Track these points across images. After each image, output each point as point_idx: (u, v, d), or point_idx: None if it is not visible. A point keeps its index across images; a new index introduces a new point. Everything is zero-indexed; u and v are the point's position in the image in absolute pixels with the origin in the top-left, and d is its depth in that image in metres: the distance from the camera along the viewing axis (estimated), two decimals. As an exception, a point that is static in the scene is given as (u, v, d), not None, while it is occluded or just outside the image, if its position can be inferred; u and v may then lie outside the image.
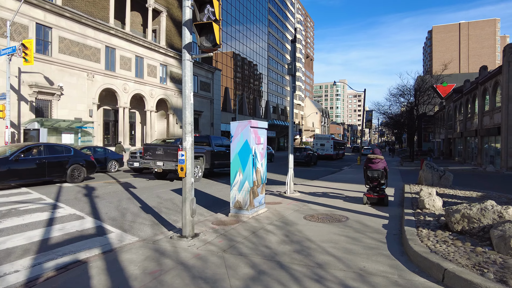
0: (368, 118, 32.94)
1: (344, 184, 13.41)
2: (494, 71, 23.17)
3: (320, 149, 38.30)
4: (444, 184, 11.04)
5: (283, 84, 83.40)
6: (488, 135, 25.05)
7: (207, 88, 39.77)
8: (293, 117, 10.14)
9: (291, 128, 10.11)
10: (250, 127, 6.61)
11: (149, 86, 30.53)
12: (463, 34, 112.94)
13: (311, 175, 18.81)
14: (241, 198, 6.66)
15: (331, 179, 15.79)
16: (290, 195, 9.91)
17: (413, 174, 19.70)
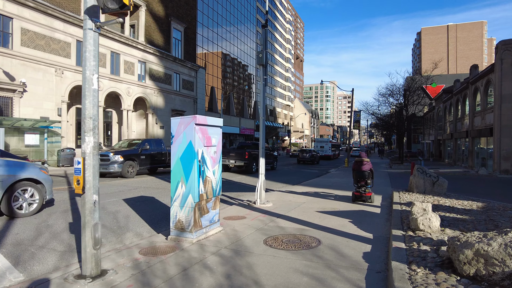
0: (356, 119, 31.76)
1: (326, 190, 12.00)
2: (486, 69, 22.17)
3: (320, 150, 43.38)
4: (438, 192, 9.71)
5: (272, 85, 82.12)
6: (479, 136, 24.04)
7: (190, 87, 38.15)
8: (264, 114, 8.70)
9: (262, 127, 8.65)
10: (194, 125, 5.12)
11: (126, 83, 28.78)
12: (451, 36, 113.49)
13: (294, 178, 17.41)
14: (183, 216, 5.15)
15: (313, 184, 14.38)
16: (260, 206, 8.43)
17: (403, 178, 18.45)
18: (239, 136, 56.19)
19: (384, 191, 11.92)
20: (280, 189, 12.77)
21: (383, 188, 13.16)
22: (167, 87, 34.05)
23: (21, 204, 6.80)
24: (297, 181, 16.63)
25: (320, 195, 10.73)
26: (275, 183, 15.12)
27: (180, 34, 37.06)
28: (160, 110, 33.07)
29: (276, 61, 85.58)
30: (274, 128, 69.67)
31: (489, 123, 22.19)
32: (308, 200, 9.61)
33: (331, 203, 9.05)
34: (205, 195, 5.31)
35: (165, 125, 33.61)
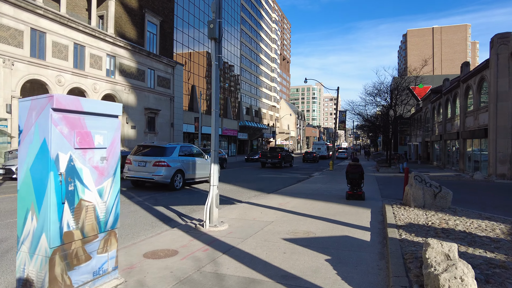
0: (341, 119, 29.92)
1: (304, 202, 9.90)
2: (480, 65, 20.59)
3: (318, 151, 52.45)
4: (441, 206, 7.73)
5: (257, 85, 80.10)
6: (472, 137, 22.46)
7: (166, 84, 35.69)
8: (217, 106, 6.53)
9: (215, 124, 6.48)
10: (52, 111, 2.90)
11: (92, 79, 26.17)
12: (436, 38, 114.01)
13: (272, 184, 15.27)
14: (33, 272, 2.92)
15: (291, 192, 12.28)
16: (210, 230, 6.24)
17: (393, 184, 16.57)
18: (221, 137, 53.86)
19: (373, 203, 9.89)
20: (250, 199, 10.60)
21: (371, 198, 11.14)
22: (140, 83, 31.54)
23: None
24: (275, 187, 14.52)
25: (295, 209, 8.62)
26: (248, 191, 12.97)
27: (156, 28, 34.60)
28: (132, 109, 30.53)
29: (261, 61, 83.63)
30: (258, 129, 67.57)
31: (483, 124, 20.59)
32: (278, 217, 7.48)
33: (306, 223, 6.93)
34: (78, 233, 3.10)
35: (137, 125, 31.09)
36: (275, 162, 26.82)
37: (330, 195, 12.02)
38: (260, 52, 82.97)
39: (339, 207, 9.04)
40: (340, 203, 9.88)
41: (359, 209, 8.81)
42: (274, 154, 27.18)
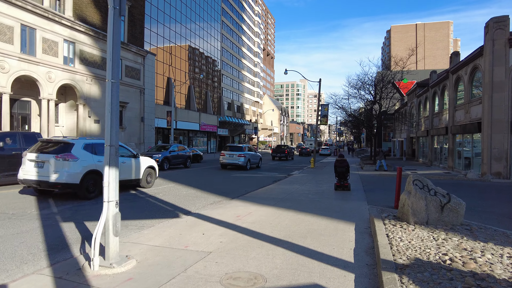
0: (324, 113, 27.88)
1: (272, 212, 7.65)
2: (473, 54, 18.82)
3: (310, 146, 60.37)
4: (451, 221, 5.62)
5: (239, 79, 77.56)
6: (463, 132, 20.76)
7: (136, 75, 32.81)
8: (115, 75, 4.16)
9: (111, 101, 4.11)
10: None
11: (45, 66, 23.17)
12: (420, 35, 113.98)
13: (239, 186, 12.95)
14: None
15: (260, 197, 10.00)
16: (97, 274, 3.86)
17: (380, 184, 14.54)
18: (200, 133, 51.22)
19: (357, 214, 7.72)
20: (202, 210, 8.26)
21: (355, 206, 8.97)
22: (104, 73, 28.53)
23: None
24: (243, 190, 12.23)
25: (254, 226, 6.35)
26: (207, 196, 10.63)
27: (124, 13, 31.61)
28: (95, 101, 27.62)
29: (243, 55, 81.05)
30: (240, 125, 65.09)
31: (475, 117, 18.87)
32: (224, 243, 5.18)
33: (260, 255, 4.67)
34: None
35: (101, 119, 28.19)
36: (282, 156, 36.11)
37: (306, 200, 9.81)
38: (243, 45, 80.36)
39: (313, 221, 6.82)
40: (316, 213, 7.68)
41: (340, 223, 6.62)
42: (281, 150, 36.72)
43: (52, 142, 9.97)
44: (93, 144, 10.14)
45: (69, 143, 9.69)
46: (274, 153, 36.77)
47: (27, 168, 9.33)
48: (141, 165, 11.77)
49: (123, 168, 10.56)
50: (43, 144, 9.86)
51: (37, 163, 9.22)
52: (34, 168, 9.22)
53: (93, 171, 9.56)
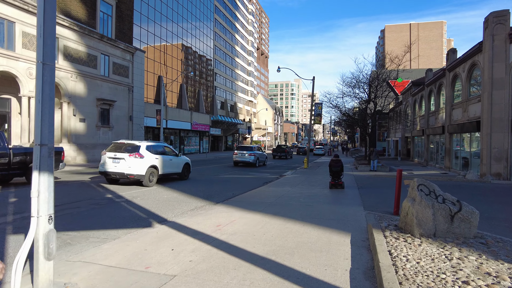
0: (317, 112, 27.10)
1: (258, 220, 6.80)
2: (471, 50, 18.14)
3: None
4: (462, 233, 4.81)
5: (233, 78, 76.61)
6: (460, 132, 20.10)
7: (124, 72, 31.74)
8: (49, 56, 3.29)
9: (41, 89, 3.23)
10: None
11: (25, 62, 22.05)
12: (414, 34, 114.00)
13: (231, 188, 12.06)
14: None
15: (247, 202, 9.14)
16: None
17: (377, 186, 13.75)
18: (192, 132, 50.20)
19: (353, 222, 6.90)
20: (179, 217, 7.36)
21: (350, 212, 8.15)
22: (90, 70, 27.54)
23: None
24: (230, 193, 11.37)
25: (235, 238, 5.50)
26: (190, 201, 9.74)
27: (111, 9, 30.56)
28: (81, 99, 26.55)
29: (237, 53, 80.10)
30: (233, 124, 64.10)
31: (473, 116, 18.21)
32: (194, 262, 4.31)
33: (236, 280, 3.82)
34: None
35: (87, 118, 27.13)
36: (282, 155, 39.52)
37: (297, 204, 8.97)
38: (236, 44, 79.40)
39: (303, 231, 5.97)
40: (307, 221, 6.84)
41: (333, 234, 5.78)
42: (281, 149, 40.31)
43: (124, 144, 12.88)
44: (151, 145, 13.25)
45: (137, 145, 12.66)
46: (274, 152, 40.74)
47: (106, 163, 12.34)
48: (180, 162, 14.92)
49: (172, 163, 14.19)
50: (117, 145, 12.83)
51: (115, 159, 12.22)
52: (112, 163, 12.22)
53: (152, 166, 12.66)
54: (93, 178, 14.75)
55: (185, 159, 15.32)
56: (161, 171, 13.22)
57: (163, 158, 13.48)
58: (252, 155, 24.42)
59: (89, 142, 27.26)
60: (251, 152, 24.56)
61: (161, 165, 13.16)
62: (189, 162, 15.60)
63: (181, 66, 49.90)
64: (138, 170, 11.98)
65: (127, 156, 12.04)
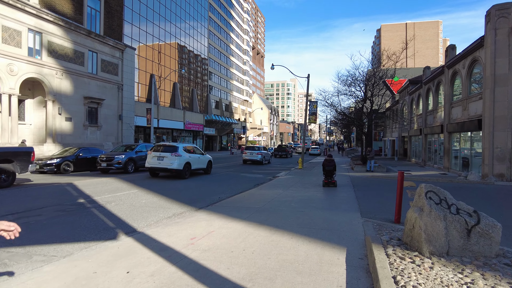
0: (312, 111, 26.27)
1: (240, 231, 5.91)
2: (472, 45, 17.37)
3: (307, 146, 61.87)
4: (482, 251, 3.96)
5: (228, 77, 75.65)
6: (460, 131, 19.34)
7: (113, 70, 30.72)
8: None
9: None
10: None
11: (5, 58, 21.02)
12: (410, 34, 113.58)
13: (218, 190, 11.15)
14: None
15: (233, 207, 8.25)
16: None
17: (374, 189, 12.90)
18: (185, 132, 49.18)
19: (349, 232, 6.02)
20: (153, 226, 6.45)
21: (346, 219, 7.28)
22: (77, 67, 26.51)
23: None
24: (216, 197, 10.47)
25: (208, 255, 4.60)
26: (170, 205, 8.83)
27: (99, 4, 29.52)
28: (67, 97, 25.53)
29: (232, 52, 79.13)
30: (227, 124, 63.11)
31: (474, 114, 17.44)
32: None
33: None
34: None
35: (74, 117, 26.10)
36: (283, 154, 43.01)
37: (287, 210, 8.09)
38: (231, 42, 78.43)
39: (291, 245, 5.09)
40: (296, 231, 5.96)
41: (325, 249, 4.90)
42: (282, 149, 44.48)
43: (165, 145, 15.89)
44: (186, 146, 16.58)
45: (176, 146, 15.76)
46: (276, 151, 44.07)
47: (151, 160, 15.36)
48: (206, 159, 18.28)
49: (199, 160, 17.37)
50: (159, 146, 15.87)
51: (159, 157, 15.26)
52: (157, 160, 15.24)
53: (187, 163, 15.83)
54: (72, 180, 13.78)
55: (208, 157, 18.64)
56: (193, 167, 16.46)
57: (194, 156, 16.74)
58: (259, 154, 28.42)
59: (76, 142, 26.21)
60: (258, 152, 28.67)
61: (193, 161, 16.47)
62: (211, 159, 18.92)
63: (174, 65, 48.86)
64: (177, 166, 15.09)
65: (169, 155, 15.15)
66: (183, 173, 15.28)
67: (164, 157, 15.16)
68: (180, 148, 15.64)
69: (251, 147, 29.72)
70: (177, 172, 15.12)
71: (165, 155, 15.14)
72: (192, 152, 16.83)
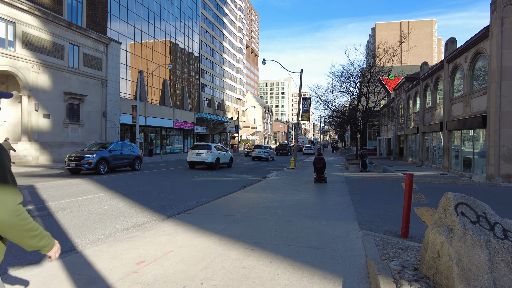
0: (305, 108, 24.98)
1: (207, 251, 4.58)
2: (475, 37, 16.21)
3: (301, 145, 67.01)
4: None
5: (220, 75, 74.18)
6: (462, 128, 18.19)
7: (97, 64, 29.16)
8: None
9: None
10: None
11: (-23, 51, 19.44)
12: (404, 32, 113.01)
13: (197, 194, 9.80)
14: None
15: (210, 213, 6.92)
16: None
17: (372, 192, 11.59)
18: (175, 131, 47.65)
19: (345, 252, 4.71)
20: (92, 245, 5.06)
21: (341, 233, 5.97)
22: (56, 61, 24.94)
23: None
24: (193, 202, 9.13)
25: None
26: (135, 213, 7.45)
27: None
28: (45, 93, 23.96)
29: (225, 50, 77.64)
30: (220, 122, 61.56)
31: (477, 111, 16.29)
32: None
33: None
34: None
35: (53, 114, 24.52)
36: (283, 152, 47.31)
37: (271, 220, 6.76)
38: (224, 40, 76.92)
39: (268, 275, 3.77)
40: (277, 252, 4.64)
41: (315, 281, 3.59)
42: (283, 147, 48.40)
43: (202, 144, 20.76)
44: (216, 145, 21.38)
45: (210, 145, 20.59)
46: (277, 150, 48.05)
47: (192, 156, 20.17)
48: (228, 155, 22.64)
49: (225, 156, 21.97)
50: (197, 145, 20.81)
51: (198, 153, 20.06)
52: (196, 156, 20.08)
53: (218, 158, 20.44)
54: (36, 182, 12.31)
55: (230, 154, 23.11)
56: (221, 161, 21.23)
57: (221, 153, 21.47)
58: (266, 152, 33.33)
59: (55, 141, 24.66)
60: (264, 150, 33.72)
61: (221, 157, 21.21)
62: (232, 156, 23.44)
63: (164, 61, 47.27)
64: (211, 160, 20.01)
65: (206, 152, 20.06)
66: (216, 165, 20.24)
67: (201, 153, 20.15)
68: (212, 147, 20.66)
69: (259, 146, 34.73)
70: (211, 164, 20.11)
71: (202, 151, 20.09)
72: (220, 149, 21.64)
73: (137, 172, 17.32)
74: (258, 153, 33.68)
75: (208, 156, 19.85)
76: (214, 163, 19.99)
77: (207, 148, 20.18)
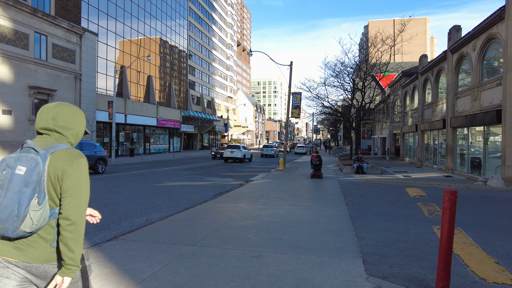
0: (295, 104, 22.83)
1: None
2: (487, 21, 14.22)
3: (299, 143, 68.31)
4: None
5: (210, 72, 71.72)
6: (470, 125, 16.20)
7: (69, 57, 26.64)
8: None
9: None
10: None
11: None
12: (397, 30, 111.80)
13: (150, 207, 7.60)
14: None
15: (144, 248, 4.74)
16: None
17: (373, 204, 9.39)
18: (160, 129, 45.16)
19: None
20: None
21: (339, 281, 3.80)
22: (19, 51, 22.42)
23: None
24: (143, 218, 6.90)
25: None
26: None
27: (50, -21, 25.43)
28: (5, 86, 21.47)
29: (214, 46, 75.19)
30: (208, 121, 59.00)
31: (489, 104, 14.31)
32: None
33: None
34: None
35: (15, 110, 22.03)
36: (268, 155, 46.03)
37: (235, 255, 4.57)
38: (213, 36, 74.46)
39: None
40: None
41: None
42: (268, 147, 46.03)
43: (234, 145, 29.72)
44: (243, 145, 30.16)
45: (239, 145, 29.28)
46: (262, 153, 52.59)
47: (227, 153, 28.31)
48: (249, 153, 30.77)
49: (247, 153, 29.71)
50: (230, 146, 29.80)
51: (231, 151, 28.38)
52: (230, 153, 28.25)
53: (244, 154, 28.73)
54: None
55: (251, 152, 30.86)
56: (246, 157, 28.89)
57: (246, 151, 29.15)
58: (272, 150, 38.38)
59: (18, 140, 22.14)
60: (271, 148, 39.14)
61: (246, 154, 29.04)
62: (252, 153, 31.38)
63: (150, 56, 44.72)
64: (241, 156, 27.87)
65: (236, 150, 28.08)
66: (244, 160, 28.14)
67: (234, 151, 28.01)
68: (241, 147, 28.62)
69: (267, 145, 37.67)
70: (240, 159, 27.80)
71: (234, 150, 28.04)
72: (245, 149, 29.39)
73: (99, 176, 14.96)
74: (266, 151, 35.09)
75: (238, 153, 27.56)
76: (242, 158, 27.70)
77: (237, 148, 28.32)
